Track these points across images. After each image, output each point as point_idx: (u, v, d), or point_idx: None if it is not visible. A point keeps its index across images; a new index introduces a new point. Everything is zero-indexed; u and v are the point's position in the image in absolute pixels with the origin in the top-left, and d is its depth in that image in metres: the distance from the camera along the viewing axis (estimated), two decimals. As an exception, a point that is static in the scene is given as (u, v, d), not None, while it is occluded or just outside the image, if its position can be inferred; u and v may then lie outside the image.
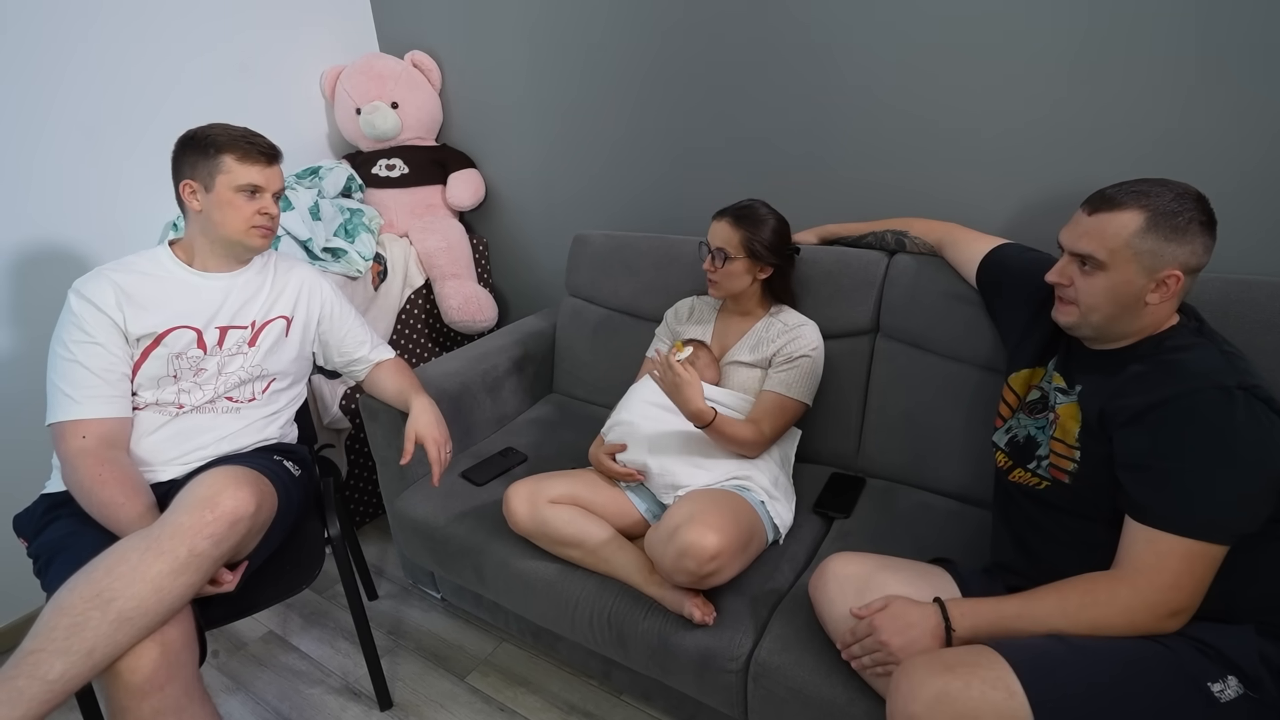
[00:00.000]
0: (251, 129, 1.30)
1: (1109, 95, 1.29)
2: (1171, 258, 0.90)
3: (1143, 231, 0.90)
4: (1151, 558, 0.87)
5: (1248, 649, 0.85)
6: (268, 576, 1.26)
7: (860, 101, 1.55)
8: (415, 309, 2.14)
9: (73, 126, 1.69)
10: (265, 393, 1.38)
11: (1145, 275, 0.92)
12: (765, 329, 1.48)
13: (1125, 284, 0.93)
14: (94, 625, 0.93)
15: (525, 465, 1.65)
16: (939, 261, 1.43)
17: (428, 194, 2.20)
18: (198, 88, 1.90)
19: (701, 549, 1.11)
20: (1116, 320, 0.96)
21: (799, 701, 1.08)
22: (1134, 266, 0.91)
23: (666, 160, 1.89)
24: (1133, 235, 0.91)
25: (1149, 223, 0.90)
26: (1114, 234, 0.92)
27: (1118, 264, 0.92)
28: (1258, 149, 1.21)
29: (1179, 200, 0.91)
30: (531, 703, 1.50)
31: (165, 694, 0.98)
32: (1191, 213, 0.90)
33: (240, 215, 1.27)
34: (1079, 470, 0.99)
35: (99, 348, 1.21)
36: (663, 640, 1.21)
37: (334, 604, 1.82)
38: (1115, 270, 0.93)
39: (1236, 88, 1.19)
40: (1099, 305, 0.96)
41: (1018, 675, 0.79)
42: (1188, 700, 0.82)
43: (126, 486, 1.14)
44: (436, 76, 2.20)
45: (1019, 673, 0.79)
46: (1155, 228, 0.90)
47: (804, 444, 1.52)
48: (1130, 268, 0.92)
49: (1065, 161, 1.37)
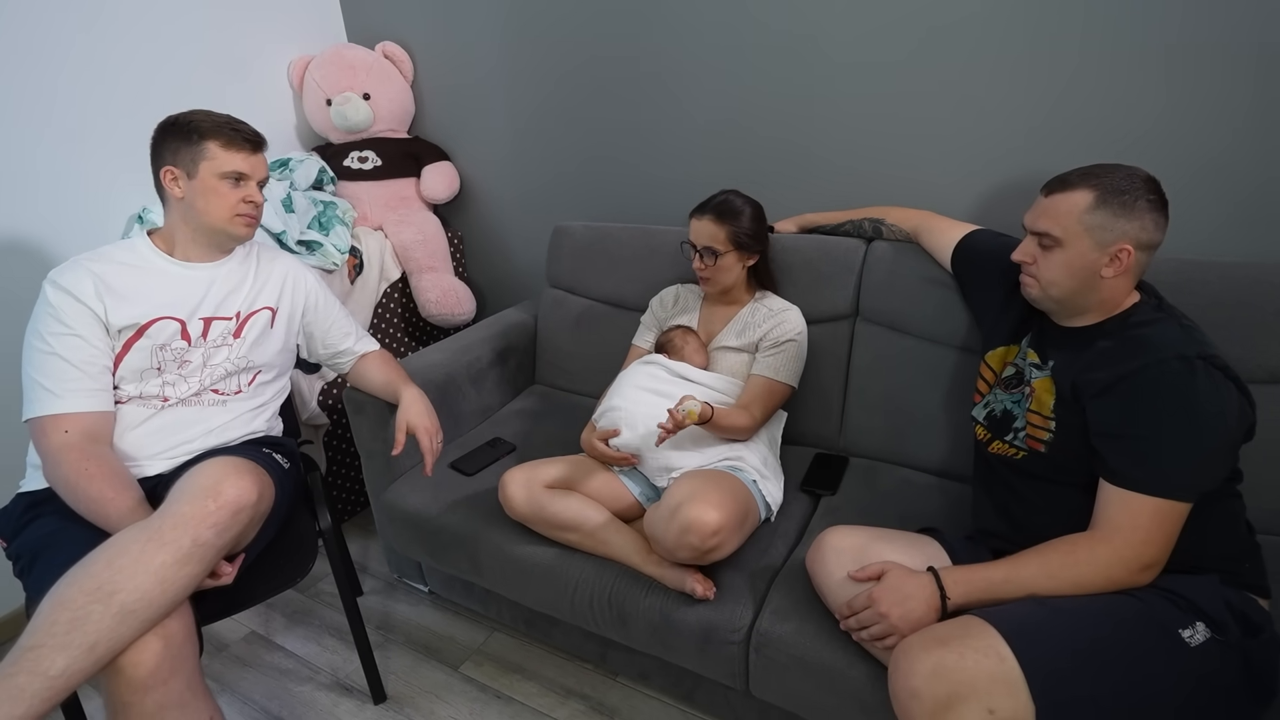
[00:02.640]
0: (234, 115, 1.27)
1: (1074, 86, 1.38)
2: (1121, 232, 0.98)
3: (1092, 208, 0.99)
4: (1125, 517, 0.94)
5: (1213, 596, 0.92)
6: (262, 571, 1.24)
7: (835, 92, 1.60)
8: (392, 303, 2.11)
9: (36, 119, 1.62)
10: (251, 385, 1.36)
11: (1098, 249, 0.99)
12: (751, 314, 1.52)
13: (1080, 257, 1.01)
14: (96, 619, 0.90)
15: (514, 455, 1.65)
16: (915, 247, 1.50)
17: (401, 186, 2.18)
18: (161, 78, 1.84)
19: (704, 525, 1.14)
20: (1076, 294, 1.04)
21: (800, 668, 1.12)
22: (1087, 241, 0.99)
23: (641, 150, 1.91)
24: (1083, 212, 0.99)
25: (1098, 200, 0.99)
26: (1066, 211, 1.01)
27: (1071, 239, 1.00)
28: (1220, 141, 1.29)
29: (1128, 179, 0.99)
30: (528, 688, 1.51)
31: (169, 688, 0.96)
32: (1139, 191, 0.98)
33: (225, 203, 1.25)
34: (1055, 440, 1.06)
35: (79, 339, 1.17)
36: (665, 617, 1.24)
37: (318, 602, 1.79)
38: (1070, 245, 1.01)
39: (1196, 81, 1.28)
40: (1058, 279, 1.04)
41: (1007, 641, 0.85)
42: (1161, 647, 0.89)
43: (115, 480, 1.11)
44: (408, 67, 2.18)
45: (1008, 639, 0.85)
46: (1104, 204, 0.98)
47: (789, 426, 1.57)
48: (1083, 242, 1.00)
49: (1031, 152, 1.45)
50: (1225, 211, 1.33)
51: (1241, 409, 0.94)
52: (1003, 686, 0.83)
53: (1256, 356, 1.19)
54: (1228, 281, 1.22)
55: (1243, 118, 1.27)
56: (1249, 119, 1.26)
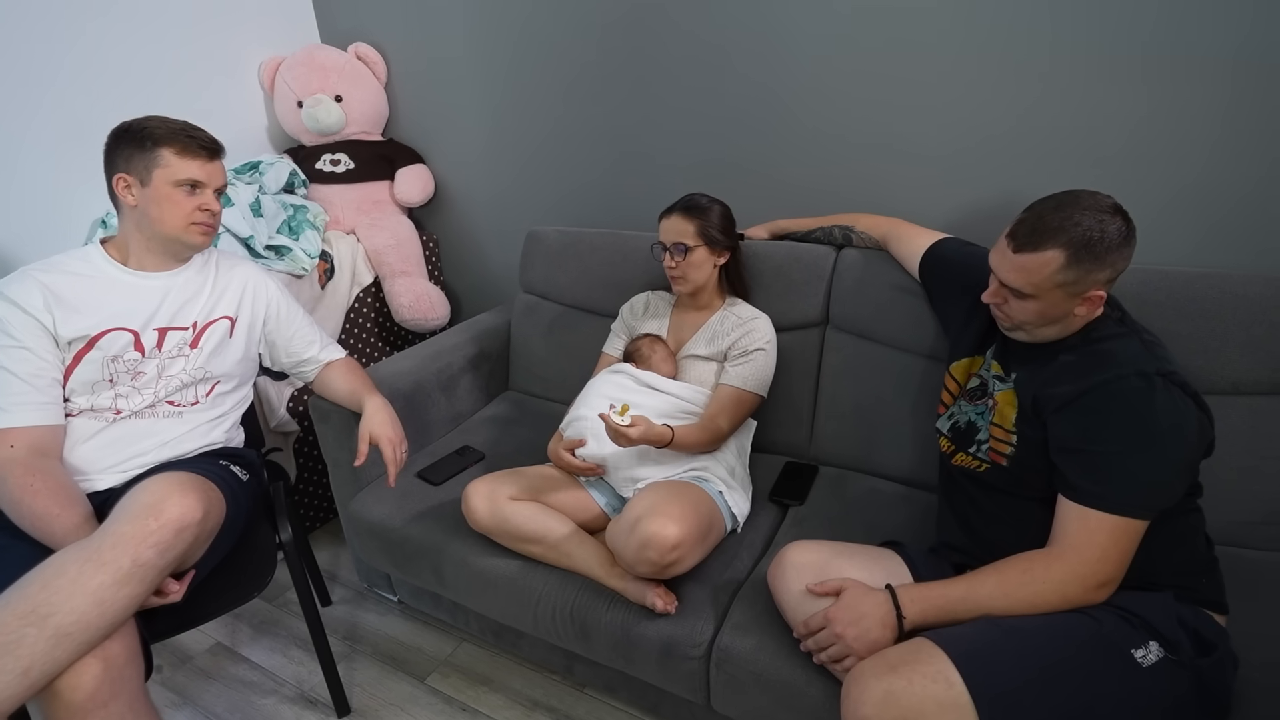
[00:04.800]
0: (191, 122, 1.25)
1: (1051, 98, 1.37)
2: (1093, 281, 0.96)
3: (1064, 267, 0.95)
4: (1083, 534, 0.93)
5: (1167, 614, 0.92)
6: (216, 585, 1.22)
7: (806, 100, 1.59)
8: (364, 308, 2.09)
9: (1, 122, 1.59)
10: (209, 396, 1.34)
11: (1071, 298, 0.97)
12: (720, 322, 1.50)
13: (1053, 307, 0.99)
14: (30, 642, 0.88)
15: (483, 463, 1.63)
16: (885, 255, 1.49)
17: (375, 190, 2.15)
18: (129, 79, 1.81)
19: (663, 539, 1.12)
20: (1047, 329, 1.03)
21: (759, 685, 1.11)
22: (1059, 294, 0.97)
23: (615, 155, 1.90)
24: (1055, 271, 0.95)
25: (1070, 259, 0.94)
26: (1037, 271, 0.96)
27: (1044, 294, 0.98)
28: (1199, 157, 1.29)
29: (1096, 224, 0.94)
30: (494, 701, 1.49)
31: (109, 711, 0.94)
32: (1110, 235, 0.94)
33: (179, 211, 1.22)
34: (1016, 454, 1.04)
35: (26, 352, 1.14)
36: (626, 631, 1.22)
37: (285, 612, 1.77)
38: (1043, 299, 0.98)
39: (1181, 96, 1.27)
40: (1030, 321, 1.02)
41: (956, 666, 0.84)
42: (1113, 668, 0.87)
43: (60, 496, 1.09)
44: (381, 69, 2.15)
45: (957, 664, 0.84)
46: (1077, 262, 0.94)
47: (759, 434, 1.55)
48: (1056, 294, 0.97)
49: (1003, 160, 1.44)
50: (1207, 224, 1.32)
51: (1201, 426, 0.94)
52: (951, 712, 0.82)
53: (1219, 367, 1.18)
54: (1191, 291, 1.21)
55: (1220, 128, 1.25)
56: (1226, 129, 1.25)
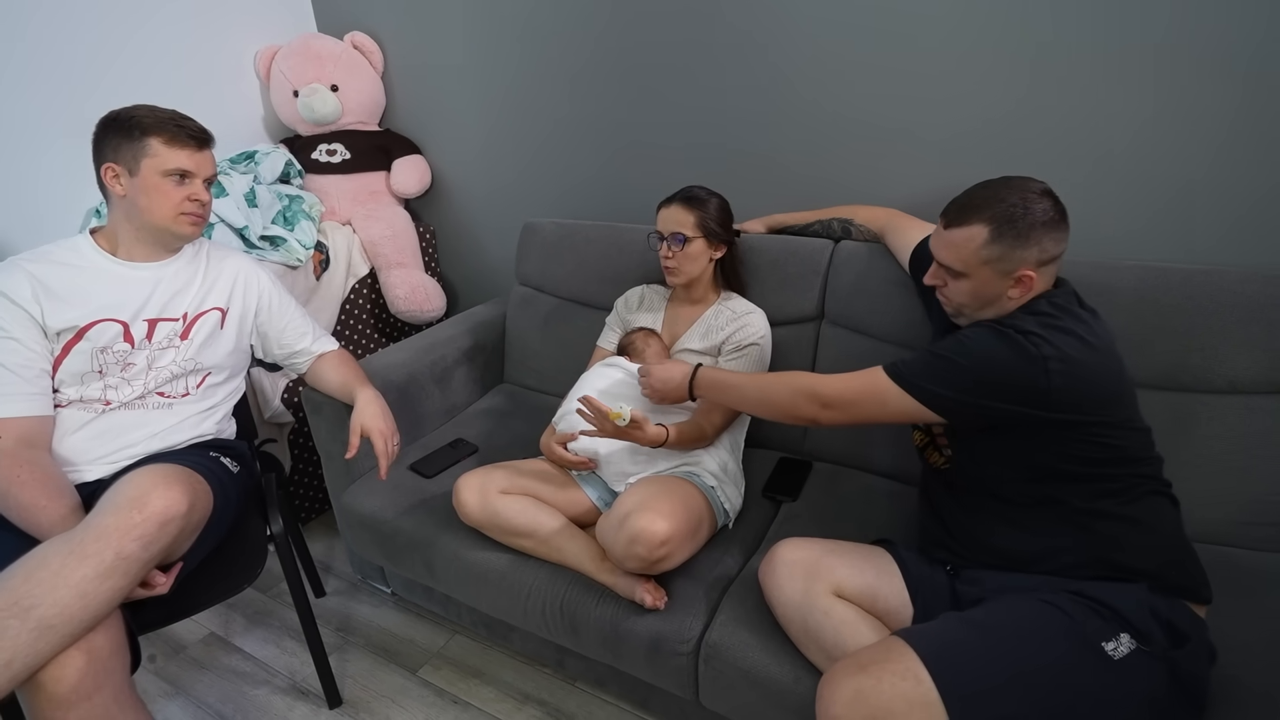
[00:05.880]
0: (181, 111, 1.24)
1: (1057, 91, 1.34)
2: (1020, 260, 0.98)
3: (988, 242, 0.98)
4: (860, 375, 1.05)
5: (1139, 605, 0.91)
6: (206, 577, 1.22)
7: (804, 92, 1.57)
8: (360, 299, 2.08)
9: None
10: (200, 387, 1.33)
11: (1001, 277, 0.99)
12: (714, 317, 1.49)
13: (984, 286, 1.01)
14: (12, 634, 0.88)
15: (476, 456, 1.63)
16: (881, 249, 1.47)
17: (371, 180, 2.14)
18: (122, 67, 1.80)
19: (651, 535, 1.12)
20: (984, 311, 1.04)
21: (747, 682, 1.11)
22: (988, 271, 1.00)
23: (612, 147, 1.88)
24: (979, 246, 0.99)
25: (993, 234, 0.98)
26: (963, 246, 1.00)
27: (973, 271, 1.01)
28: (1207, 154, 1.26)
29: (1021, 204, 0.97)
30: (485, 694, 1.49)
31: (93, 704, 0.94)
32: (1033, 214, 0.96)
33: (168, 201, 1.21)
34: (955, 457, 1.07)
35: (15, 343, 1.14)
36: (615, 627, 1.22)
37: (279, 602, 1.77)
38: (973, 276, 1.01)
39: (1192, 90, 1.24)
40: (966, 303, 1.05)
41: (925, 664, 0.84)
42: (1084, 662, 0.87)
43: (48, 487, 1.08)
44: (378, 58, 2.13)
45: (925, 662, 0.84)
46: (999, 238, 0.97)
47: (753, 430, 1.54)
48: (985, 272, 1.00)
49: (1004, 153, 1.42)
50: (1206, 223, 1.30)
51: (1026, 369, 0.92)
52: (920, 710, 0.82)
53: (1216, 365, 1.17)
54: (1189, 289, 1.19)
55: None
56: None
